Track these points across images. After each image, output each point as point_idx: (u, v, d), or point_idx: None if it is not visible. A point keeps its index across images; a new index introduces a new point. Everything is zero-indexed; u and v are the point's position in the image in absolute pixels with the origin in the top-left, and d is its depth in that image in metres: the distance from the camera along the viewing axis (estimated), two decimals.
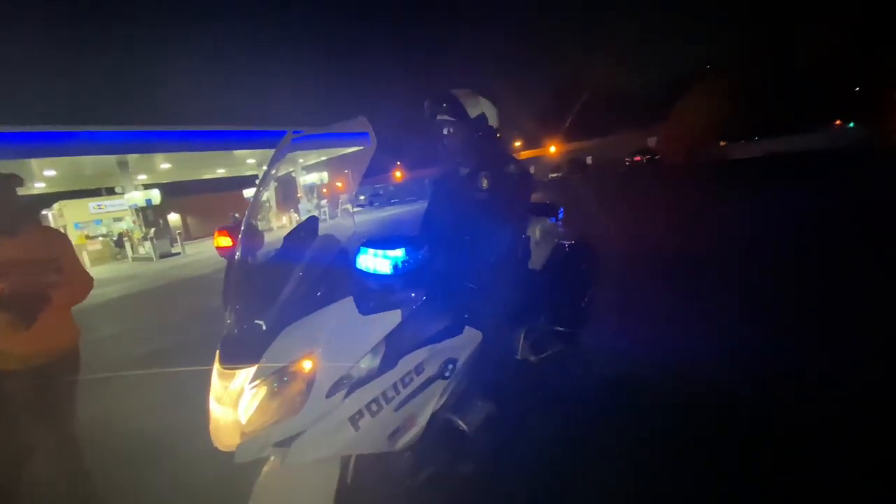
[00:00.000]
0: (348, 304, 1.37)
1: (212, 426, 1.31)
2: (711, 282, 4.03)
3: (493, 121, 2.05)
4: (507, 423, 1.85)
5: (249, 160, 20.95)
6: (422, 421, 1.54)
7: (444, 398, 1.63)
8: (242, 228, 1.52)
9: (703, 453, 1.83)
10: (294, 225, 1.68)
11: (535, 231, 2.52)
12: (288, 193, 19.19)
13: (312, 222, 1.52)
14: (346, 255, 1.42)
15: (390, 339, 1.42)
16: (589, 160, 34.93)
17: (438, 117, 1.94)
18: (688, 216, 7.90)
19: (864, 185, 8.42)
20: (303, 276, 1.36)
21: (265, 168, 1.81)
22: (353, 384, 1.34)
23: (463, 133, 1.95)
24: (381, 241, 1.30)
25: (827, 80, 28.71)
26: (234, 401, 1.27)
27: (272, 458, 1.34)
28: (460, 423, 1.62)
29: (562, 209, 2.80)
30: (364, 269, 1.29)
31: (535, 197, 2.67)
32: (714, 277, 4.15)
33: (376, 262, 1.28)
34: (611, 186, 17.24)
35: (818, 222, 5.71)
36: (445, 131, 1.96)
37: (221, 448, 1.29)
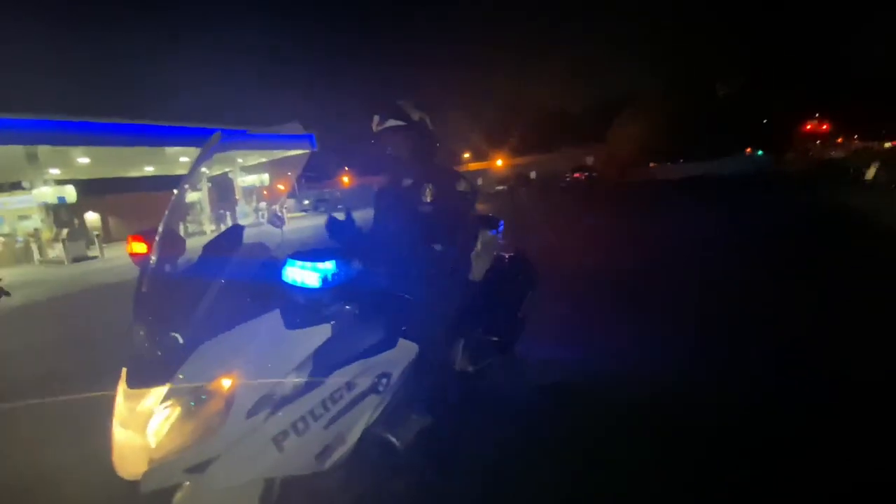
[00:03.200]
0: (274, 317, 1.30)
1: (115, 454, 1.19)
2: (631, 291, 4.36)
3: (430, 126, 2.10)
4: (442, 436, 1.84)
5: (183, 158, 19.56)
6: (352, 438, 1.49)
7: (377, 414, 1.59)
8: (159, 233, 1.41)
9: (640, 453, 1.94)
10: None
11: (476, 243, 2.56)
12: (224, 195, 18.10)
13: (237, 231, 1.44)
14: (273, 266, 1.35)
15: (319, 354, 1.37)
16: (533, 174, 36.27)
17: (385, 123, 1.94)
18: (616, 231, 8.52)
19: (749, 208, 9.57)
20: (224, 287, 1.28)
21: (195, 164, 1.68)
22: (278, 403, 1.27)
23: (408, 138, 1.97)
24: (309, 252, 1.26)
25: (741, 112, 32.01)
26: (142, 424, 1.16)
27: (185, 485, 1.24)
28: (393, 438, 1.58)
29: (502, 222, 2.87)
30: (292, 281, 1.24)
31: (478, 209, 2.72)
32: (635, 287, 4.49)
33: (304, 274, 1.23)
34: (550, 200, 18.03)
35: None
36: (389, 137, 1.98)
37: (125, 477, 1.17)
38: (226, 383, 1.19)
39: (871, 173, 13.24)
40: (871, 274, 4.09)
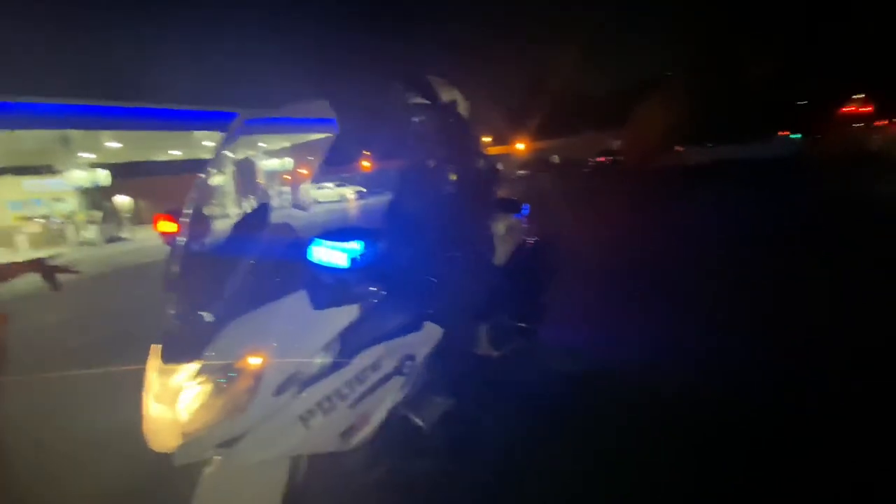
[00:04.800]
0: (301, 297, 1.30)
1: (147, 427, 1.22)
2: (659, 280, 4.22)
3: (463, 111, 2.02)
4: (465, 419, 1.83)
5: (207, 142, 19.92)
6: (377, 418, 1.50)
7: (402, 394, 1.59)
8: (187, 212, 1.42)
9: (660, 446, 1.89)
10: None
11: (500, 227, 2.51)
12: (247, 179, 18.37)
13: (263, 210, 1.43)
14: (300, 247, 1.35)
15: (346, 334, 1.36)
16: (556, 159, 35.57)
17: (410, 102, 1.88)
18: (641, 219, 8.20)
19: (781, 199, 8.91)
20: (252, 267, 1.28)
21: (220, 147, 1.69)
22: (305, 381, 1.28)
23: (434, 120, 1.91)
24: (337, 232, 1.24)
25: (776, 93, 30.50)
26: (174, 399, 1.18)
27: (215, 459, 1.26)
28: (417, 419, 1.59)
29: (527, 206, 2.81)
30: (318, 262, 1.23)
31: (501, 192, 2.67)
32: (664, 277, 4.34)
33: (332, 254, 1.22)
34: (573, 186, 17.66)
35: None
36: (416, 118, 1.91)
37: (158, 450, 1.20)
38: (254, 361, 1.20)
39: None
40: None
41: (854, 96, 29.04)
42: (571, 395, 2.37)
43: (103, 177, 15.54)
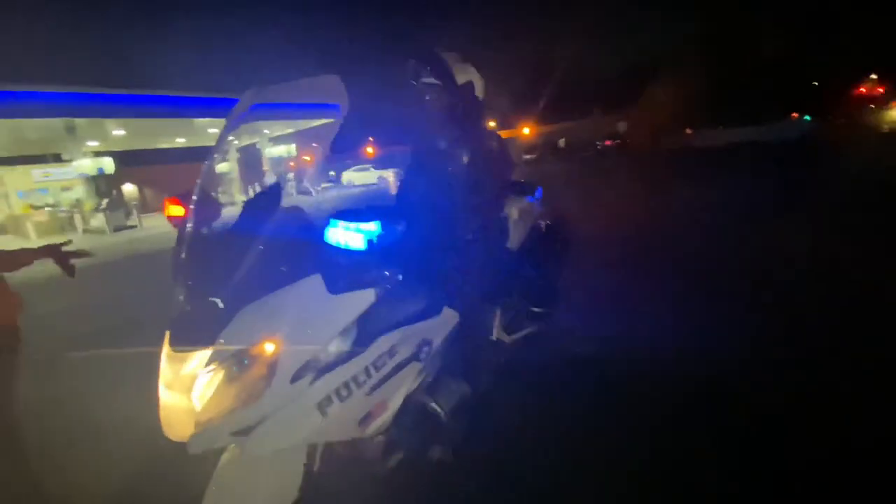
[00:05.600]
0: (316, 281, 1.26)
1: (162, 414, 1.19)
2: (667, 266, 4.16)
3: (479, 92, 1.94)
4: (481, 405, 1.80)
5: (212, 129, 19.83)
6: (394, 405, 1.46)
7: (418, 381, 1.55)
8: (195, 196, 1.37)
9: (674, 435, 1.85)
10: None
11: (513, 210, 2.45)
12: (252, 166, 18.25)
13: (275, 190, 1.38)
14: (313, 229, 1.30)
15: (363, 319, 1.32)
16: (562, 142, 35.15)
17: (422, 80, 1.80)
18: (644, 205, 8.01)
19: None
20: (265, 250, 1.23)
21: (223, 133, 1.63)
22: (322, 368, 1.24)
23: (447, 100, 1.82)
24: (353, 213, 1.19)
25: (788, 74, 29.78)
26: (187, 387, 1.15)
27: (230, 447, 1.23)
28: (435, 405, 1.55)
29: (540, 188, 2.74)
30: (334, 243, 1.18)
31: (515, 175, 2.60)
32: (671, 262, 4.27)
33: (348, 236, 1.17)
34: (578, 170, 17.43)
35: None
36: (428, 96, 1.83)
37: (173, 438, 1.17)
38: (269, 348, 1.17)
39: None
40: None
41: (867, 77, 28.28)
42: (586, 380, 2.33)
43: (109, 165, 15.52)
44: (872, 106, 26.29)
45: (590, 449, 1.82)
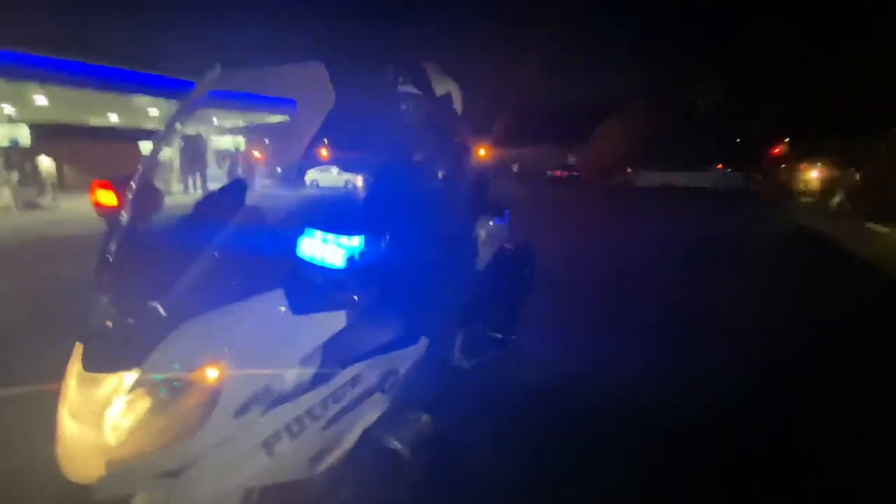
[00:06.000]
0: (277, 298, 1.08)
1: (61, 449, 0.96)
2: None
3: (457, 106, 1.87)
4: (441, 435, 1.67)
5: (152, 110, 18.31)
6: (350, 440, 1.30)
7: (379, 413, 1.40)
8: (135, 183, 1.16)
9: (630, 458, 1.86)
10: (199, 192, 1.31)
11: (482, 231, 2.38)
12: (194, 156, 16.85)
13: (237, 188, 1.19)
14: (276, 236, 1.12)
15: (329, 345, 1.16)
16: (515, 168, 36.25)
17: (400, 88, 1.70)
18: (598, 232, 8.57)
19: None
20: (217, 255, 1.05)
21: (176, 116, 1.42)
22: (274, 400, 1.06)
23: (425, 110, 1.73)
24: (333, 223, 1.04)
25: (718, 128, 32.95)
26: (99, 416, 0.94)
27: (149, 493, 1.02)
28: (394, 440, 1.41)
29: (507, 211, 2.70)
30: (307, 256, 1.02)
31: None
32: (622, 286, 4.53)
33: (326, 249, 1.01)
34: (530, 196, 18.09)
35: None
36: (405, 105, 1.73)
37: (74, 479, 0.94)
38: (211, 373, 0.98)
39: (834, 202, 13.90)
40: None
41: (781, 140, 32.00)
42: (541, 406, 2.28)
43: (24, 135, 13.80)
44: (784, 166, 29.64)
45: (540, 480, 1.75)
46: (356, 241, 1.03)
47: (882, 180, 11.26)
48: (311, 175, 22.34)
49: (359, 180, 19.86)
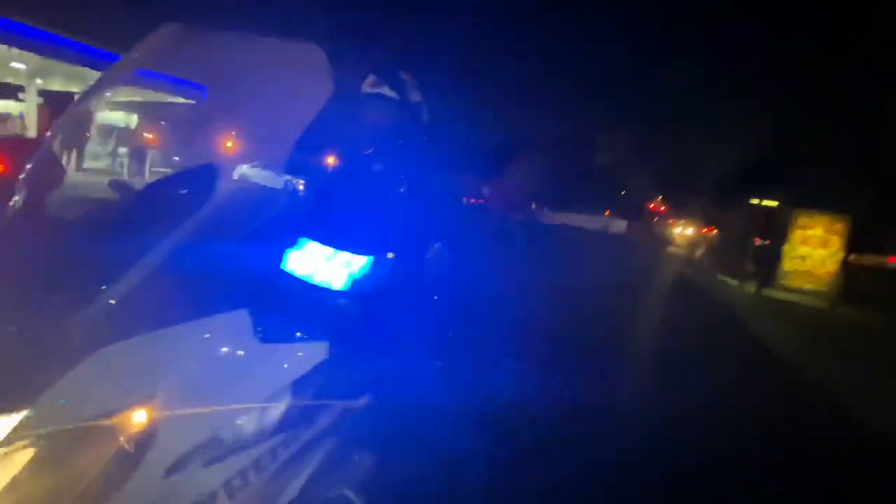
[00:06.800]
0: (238, 320, 0.85)
1: None
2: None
3: (424, 118, 1.79)
4: (399, 482, 1.49)
5: (16, 64, 15.01)
6: (293, 491, 1.08)
7: (327, 457, 1.19)
8: (38, 156, 0.87)
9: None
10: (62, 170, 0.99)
11: (431, 252, 2.29)
12: (74, 124, 14.08)
13: (208, 175, 0.93)
14: (248, 244, 0.90)
15: (300, 382, 0.94)
16: None
17: (376, 89, 1.57)
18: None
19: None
20: (156, 257, 0.81)
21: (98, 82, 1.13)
22: (221, 452, 0.82)
23: (395, 118, 1.62)
24: (338, 235, 0.85)
25: (608, 180, 37.47)
26: None
27: None
28: (346, 490, 1.20)
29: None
30: (297, 273, 0.82)
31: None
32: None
33: (325, 267, 0.82)
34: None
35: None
36: (374, 109, 1.61)
37: None
38: (138, 417, 0.72)
39: (697, 253, 17.14)
40: None
41: (658, 196, 37.39)
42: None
43: None
44: (657, 220, 34.62)
45: None
46: (363, 261, 0.86)
47: (733, 243, 14.11)
48: (241, 170, 20.53)
49: (300, 185, 18.64)
